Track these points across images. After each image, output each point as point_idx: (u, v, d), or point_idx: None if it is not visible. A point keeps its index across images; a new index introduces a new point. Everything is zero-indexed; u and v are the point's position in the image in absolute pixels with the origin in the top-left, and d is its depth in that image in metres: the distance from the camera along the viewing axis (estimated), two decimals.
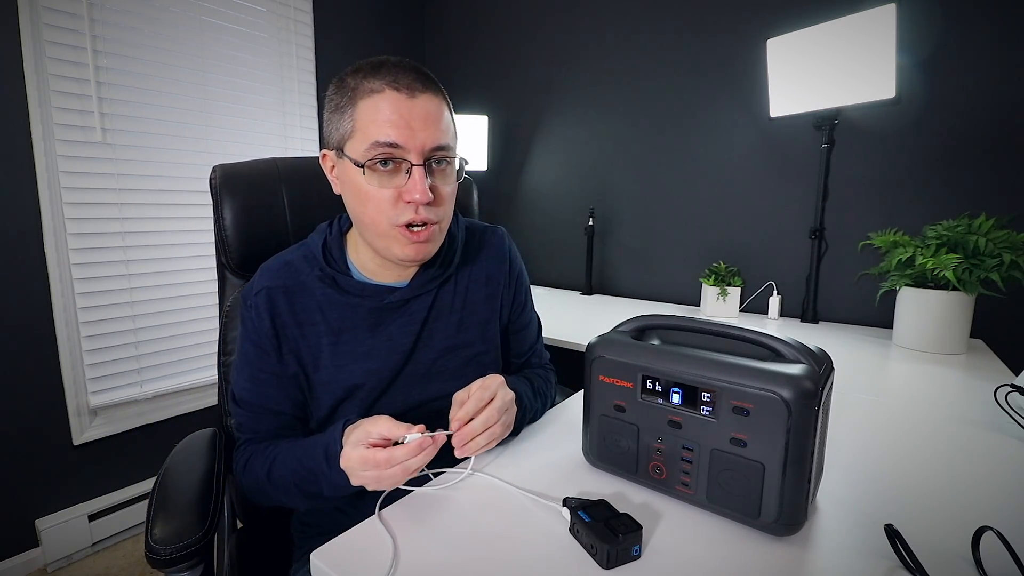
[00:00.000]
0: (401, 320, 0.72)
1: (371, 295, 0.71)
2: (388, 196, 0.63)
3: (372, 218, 0.65)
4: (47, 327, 1.48)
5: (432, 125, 0.63)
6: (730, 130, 1.67)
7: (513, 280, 0.83)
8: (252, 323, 0.69)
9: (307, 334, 0.69)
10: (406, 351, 0.72)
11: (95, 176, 1.53)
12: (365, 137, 0.62)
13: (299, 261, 0.72)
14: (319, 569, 0.46)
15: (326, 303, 0.70)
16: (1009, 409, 0.78)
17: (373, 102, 0.62)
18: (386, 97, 0.61)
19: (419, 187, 0.62)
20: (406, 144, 0.61)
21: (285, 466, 0.64)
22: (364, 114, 0.62)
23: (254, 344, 0.69)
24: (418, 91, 0.62)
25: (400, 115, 0.61)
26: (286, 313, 0.69)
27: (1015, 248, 1.08)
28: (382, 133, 0.61)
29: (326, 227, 0.75)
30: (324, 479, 0.59)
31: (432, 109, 0.63)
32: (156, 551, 0.56)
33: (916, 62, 1.32)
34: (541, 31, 2.10)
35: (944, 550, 0.46)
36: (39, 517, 1.51)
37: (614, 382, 0.56)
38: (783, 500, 0.46)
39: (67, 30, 1.44)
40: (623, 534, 0.44)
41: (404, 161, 0.62)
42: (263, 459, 0.67)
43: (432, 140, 0.63)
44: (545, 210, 2.19)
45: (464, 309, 0.77)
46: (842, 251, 1.48)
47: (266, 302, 0.69)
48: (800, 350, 0.48)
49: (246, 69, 1.84)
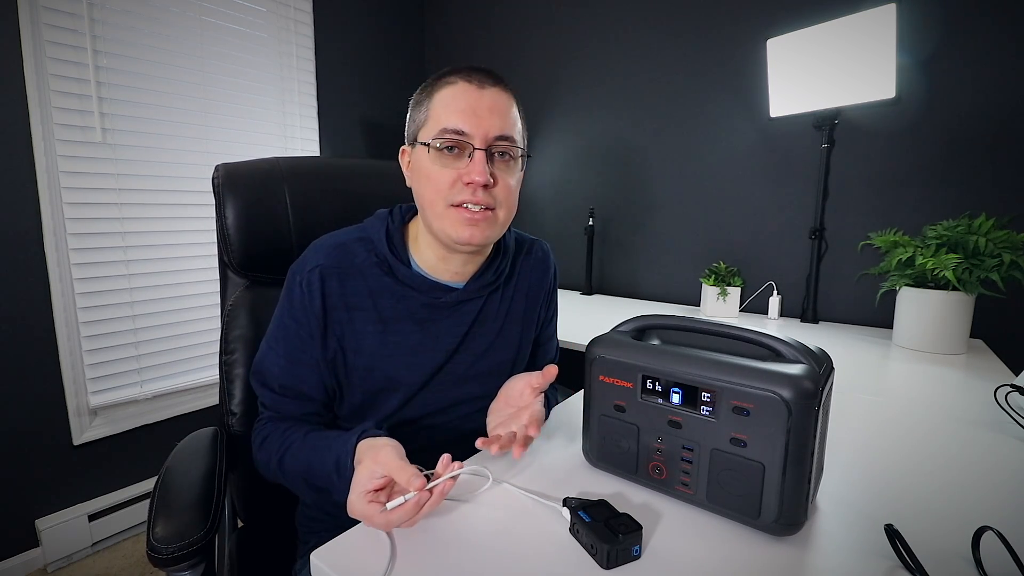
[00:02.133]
0: (450, 321, 0.72)
1: (427, 290, 0.71)
2: (449, 176, 0.65)
3: (431, 198, 0.66)
4: (47, 327, 1.48)
5: (498, 115, 0.65)
6: (730, 130, 1.67)
7: (550, 295, 0.86)
8: (301, 301, 0.68)
9: (355, 319, 0.69)
10: (449, 351, 0.72)
11: (95, 176, 1.53)
12: (436, 124, 0.65)
13: (354, 244, 0.71)
14: (319, 569, 0.46)
15: (379, 290, 0.70)
16: (1009, 409, 0.78)
17: (448, 92, 0.66)
18: (459, 88, 0.65)
19: (478, 168, 0.63)
20: (471, 131, 0.64)
21: (297, 460, 0.64)
22: (438, 103, 0.66)
23: (298, 323, 0.68)
24: (488, 84, 0.66)
25: (469, 103, 0.64)
26: (337, 295, 0.68)
27: (1015, 248, 1.08)
28: (451, 120, 0.64)
29: (386, 214, 0.75)
30: (334, 488, 0.59)
31: (500, 101, 0.66)
32: (158, 550, 0.56)
33: (916, 62, 1.32)
34: (541, 31, 2.10)
35: (944, 550, 0.46)
36: (39, 517, 1.51)
37: (614, 382, 0.56)
38: (783, 500, 0.46)
39: (67, 30, 1.44)
40: (623, 534, 0.44)
41: (468, 146, 0.65)
42: (278, 443, 0.66)
43: (497, 129, 0.65)
44: (545, 210, 2.19)
45: (506, 318, 0.78)
46: (842, 251, 1.48)
47: (319, 281, 0.68)
48: (800, 350, 0.48)
49: (246, 69, 1.84)
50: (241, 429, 0.83)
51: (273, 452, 0.66)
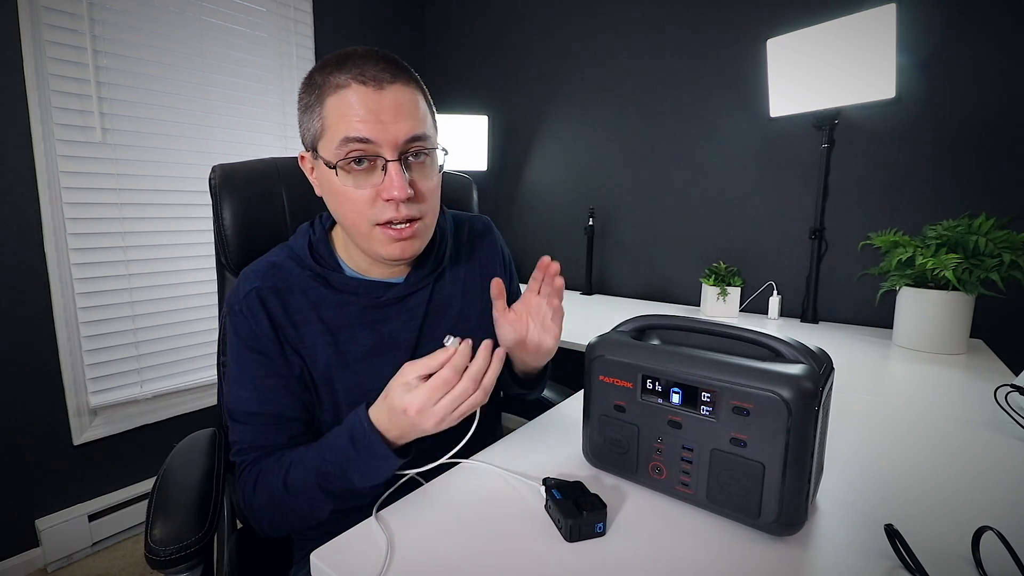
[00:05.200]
0: (401, 317, 0.71)
1: (365, 292, 0.69)
2: (366, 196, 0.61)
3: (352, 220, 0.63)
4: (47, 327, 1.48)
5: (405, 116, 0.59)
6: (730, 130, 1.67)
7: (507, 267, 0.85)
8: (246, 327, 0.64)
9: (304, 335, 0.66)
10: (410, 347, 0.71)
11: (95, 176, 1.52)
12: (334, 135, 0.59)
13: (285, 262, 0.69)
14: (319, 569, 0.46)
15: (320, 302, 0.68)
16: (1009, 409, 0.78)
17: (340, 97, 0.58)
18: (353, 91, 0.58)
19: (396, 183, 0.59)
20: (377, 139, 0.58)
21: (304, 467, 0.58)
22: (332, 111, 0.59)
23: (252, 349, 0.65)
24: (386, 82, 0.59)
25: (368, 109, 0.58)
26: (280, 314, 0.66)
27: (1015, 248, 1.08)
28: (351, 129, 0.58)
29: (307, 227, 0.73)
30: (353, 467, 0.54)
31: (404, 99, 0.60)
32: (156, 552, 0.56)
33: (916, 62, 1.32)
34: (541, 31, 2.10)
35: (944, 550, 0.46)
36: (39, 517, 1.51)
37: (614, 382, 0.56)
38: (783, 500, 0.46)
39: (67, 30, 1.44)
40: (588, 511, 0.47)
41: (378, 157, 0.60)
42: (277, 469, 0.60)
43: (406, 131, 0.59)
44: (545, 210, 2.19)
45: (463, 299, 0.77)
46: (842, 251, 1.48)
47: (258, 302, 0.65)
48: (800, 350, 0.48)
49: (246, 69, 1.84)
50: None
51: (274, 480, 0.60)
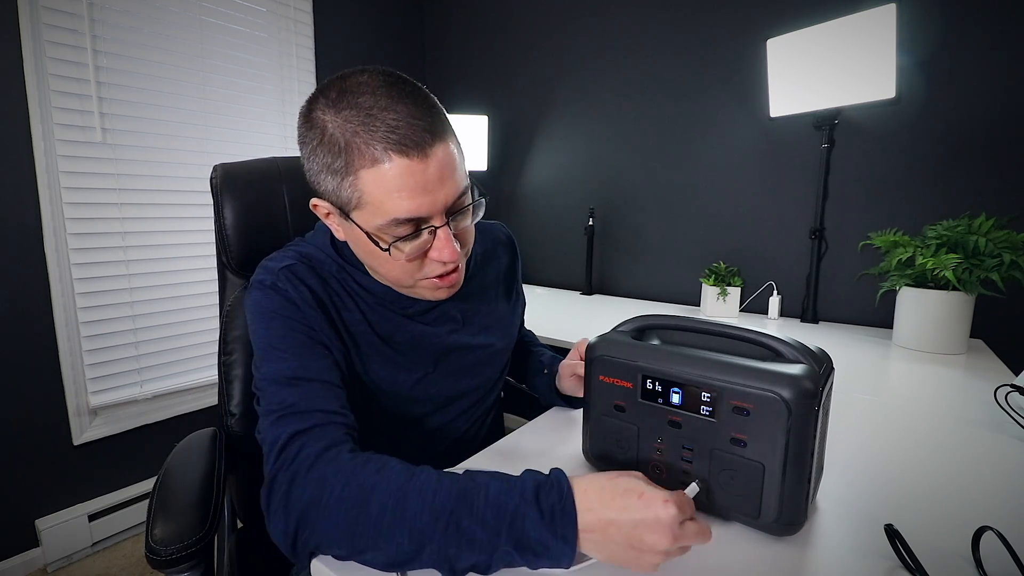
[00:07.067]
0: (427, 327, 0.70)
1: (393, 300, 0.67)
2: (413, 263, 0.58)
3: (396, 277, 0.61)
4: (47, 327, 1.47)
5: (449, 177, 0.55)
6: (730, 130, 1.67)
7: (519, 272, 0.87)
8: (280, 299, 0.58)
9: (345, 318, 0.63)
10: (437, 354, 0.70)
11: (95, 176, 1.52)
12: (378, 213, 0.53)
13: (314, 252, 0.66)
14: (319, 569, 0.46)
15: (356, 292, 0.65)
16: (1009, 409, 0.78)
17: (379, 173, 0.51)
18: (395, 166, 0.51)
19: (448, 248, 0.56)
20: (429, 212, 0.54)
21: (441, 481, 0.44)
22: (372, 187, 0.52)
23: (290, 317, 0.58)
24: (427, 144, 0.52)
25: (416, 182, 0.52)
26: (321, 291, 0.61)
27: (1015, 248, 1.08)
28: (400, 210, 0.53)
29: (324, 226, 0.67)
30: (520, 525, 0.41)
31: (445, 159, 0.54)
32: (156, 551, 0.56)
33: (916, 62, 1.32)
34: (541, 31, 2.10)
35: (944, 550, 0.46)
36: (39, 517, 1.51)
37: (614, 382, 0.56)
38: (783, 500, 0.46)
39: (67, 30, 1.43)
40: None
41: (428, 226, 0.56)
42: (389, 459, 0.48)
43: (452, 194, 0.56)
44: (545, 210, 2.19)
45: (487, 307, 0.78)
46: (842, 251, 1.48)
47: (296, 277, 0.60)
48: (800, 350, 0.48)
49: (246, 69, 1.84)
50: (240, 430, 0.83)
51: (394, 464, 0.47)
